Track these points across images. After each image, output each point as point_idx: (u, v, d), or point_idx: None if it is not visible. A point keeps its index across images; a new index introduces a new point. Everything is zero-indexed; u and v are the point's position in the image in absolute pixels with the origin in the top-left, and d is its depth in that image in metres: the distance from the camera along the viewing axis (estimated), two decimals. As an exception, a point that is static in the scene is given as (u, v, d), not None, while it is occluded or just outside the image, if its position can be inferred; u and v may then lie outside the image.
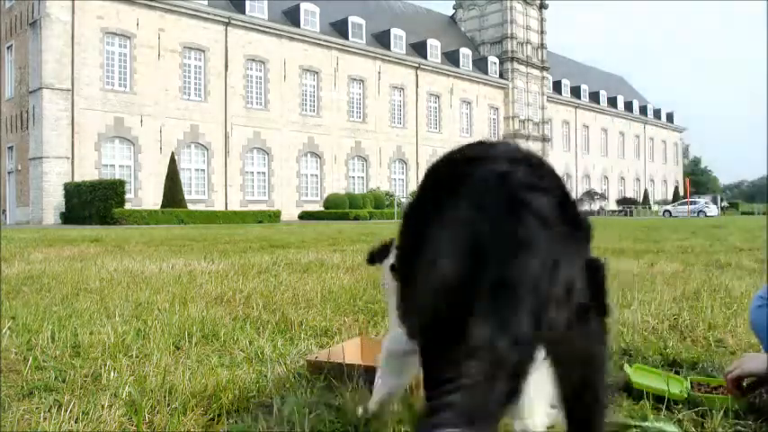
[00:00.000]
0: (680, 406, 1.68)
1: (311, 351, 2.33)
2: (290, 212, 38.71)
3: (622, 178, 74.06)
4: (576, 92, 67.64)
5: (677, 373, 1.98)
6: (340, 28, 44.86)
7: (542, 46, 61.09)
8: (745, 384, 1.74)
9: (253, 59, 39.25)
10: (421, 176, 1.03)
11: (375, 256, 1.57)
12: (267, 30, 39.68)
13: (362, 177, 45.47)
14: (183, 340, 2.46)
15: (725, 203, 71.10)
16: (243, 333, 2.61)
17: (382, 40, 48.05)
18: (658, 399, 1.70)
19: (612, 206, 65.46)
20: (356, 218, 34.58)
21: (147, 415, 1.60)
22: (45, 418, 1.54)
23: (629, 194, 72.63)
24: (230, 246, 9.36)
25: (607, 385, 1.02)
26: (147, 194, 33.87)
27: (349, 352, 2.11)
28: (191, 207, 31.77)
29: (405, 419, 1.56)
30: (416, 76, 49.54)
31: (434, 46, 51.88)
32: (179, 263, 6.08)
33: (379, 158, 46.71)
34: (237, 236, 12.92)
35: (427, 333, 0.93)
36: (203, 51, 36.97)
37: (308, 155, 42.50)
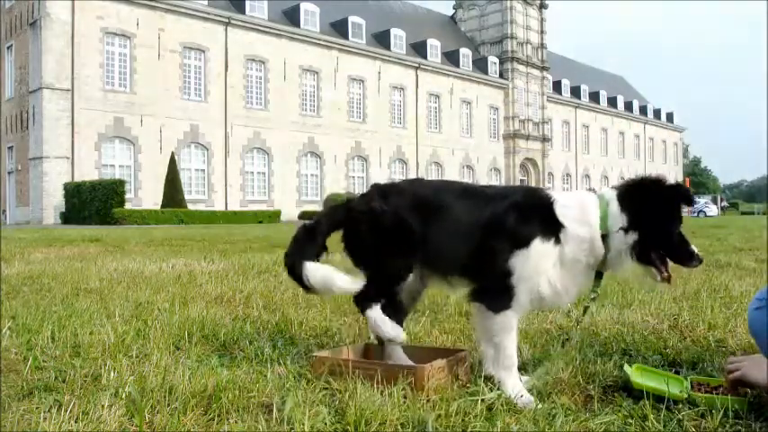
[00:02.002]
0: (680, 406, 1.68)
1: (311, 351, 2.33)
2: (290, 212, 38.70)
3: (622, 178, 73.07)
4: (575, 92, 67.63)
5: (677, 373, 1.98)
6: (340, 28, 44.85)
7: (542, 46, 61.08)
8: (742, 391, 1.74)
9: (253, 59, 39.25)
10: (421, 176, 1.12)
11: None
12: (267, 30, 39.68)
13: (362, 177, 45.46)
14: (183, 340, 2.46)
15: (725, 203, 71.07)
16: (243, 333, 2.61)
17: (382, 40, 48.04)
18: (658, 399, 1.70)
19: (612, 206, 65.39)
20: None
21: (147, 415, 1.60)
22: (45, 418, 1.54)
23: (629, 194, 72.53)
24: (230, 246, 9.36)
25: None
26: (147, 194, 33.86)
27: (354, 356, 2.11)
28: (191, 207, 31.77)
29: (408, 419, 1.56)
30: (416, 76, 49.55)
31: (434, 46, 51.87)
32: (179, 263, 6.08)
33: (379, 158, 46.71)
34: (237, 236, 12.92)
35: None
36: (203, 51, 36.97)
37: (308, 155, 42.51)
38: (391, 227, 1.90)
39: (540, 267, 1.78)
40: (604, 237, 1.80)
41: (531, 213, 1.83)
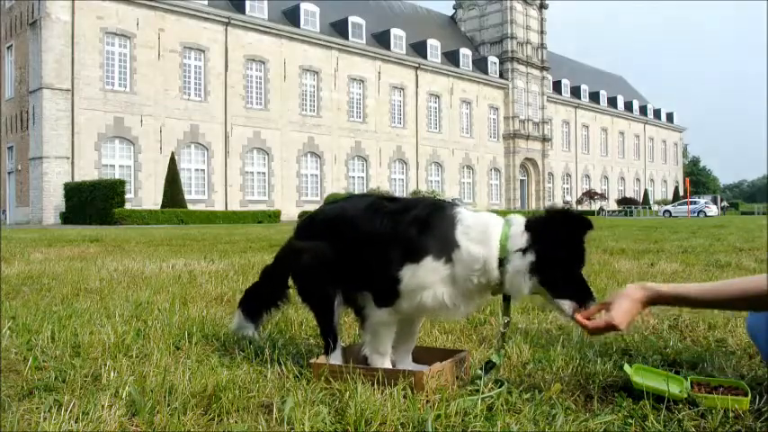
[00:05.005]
0: (680, 406, 1.68)
1: (311, 351, 2.33)
2: (289, 212, 38.72)
3: (622, 178, 74.09)
4: (575, 92, 67.64)
5: (677, 373, 1.98)
6: (340, 28, 44.86)
7: (542, 46, 61.09)
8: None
9: (253, 59, 39.26)
10: (421, 176, 1.13)
11: None
12: (267, 30, 39.69)
13: (362, 177, 45.48)
14: (183, 340, 2.45)
15: (725, 203, 71.08)
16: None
17: (382, 40, 48.05)
18: (658, 399, 1.70)
19: (612, 206, 65.49)
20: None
21: (146, 415, 1.60)
22: (45, 418, 1.54)
23: (629, 194, 72.66)
24: (230, 246, 9.36)
25: None
26: (147, 194, 33.87)
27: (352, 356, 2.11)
28: (191, 207, 31.78)
29: (408, 419, 1.56)
30: (416, 76, 49.56)
31: (434, 46, 51.88)
32: (179, 263, 6.08)
33: (379, 158, 46.72)
34: (237, 236, 12.92)
35: None
36: (203, 51, 36.98)
37: (308, 155, 42.51)
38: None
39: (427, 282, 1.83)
40: (502, 260, 1.78)
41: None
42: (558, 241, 1.76)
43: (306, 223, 2.17)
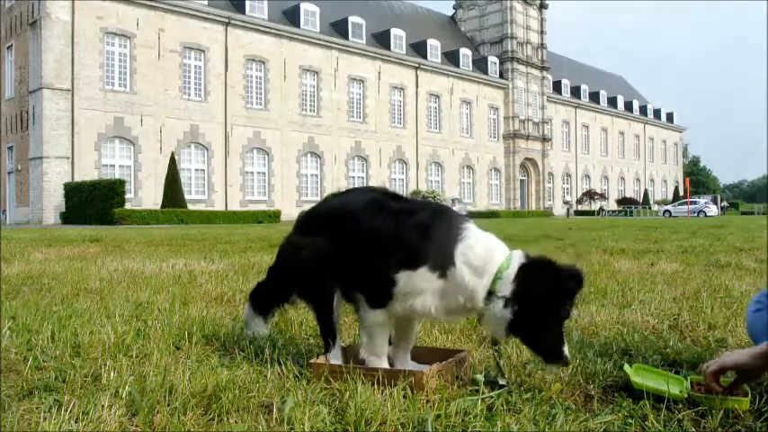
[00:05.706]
0: (680, 406, 1.68)
1: (311, 351, 2.33)
2: (290, 212, 38.69)
3: (622, 178, 74.08)
4: (575, 92, 67.62)
5: (677, 373, 1.98)
6: (340, 28, 44.86)
7: (542, 46, 61.08)
8: (722, 380, 1.74)
9: (253, 59, 39.26)
10: (421, 176, 1.13)
11: None
12: (267, 30, 39.69)
13: (362, 177, 45.47)
14: (183, 340, 2.45)
15: (725, 203, 71.08)
16: (243, 333, 2.61)
17: (382, 40, 48.05)
18: (658, 399, 1.70)
19: (612, 206, 65.48)
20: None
21: (147, 415, 1.60)
22: (45, 418, 1.54)
23: (630, 194, 72.65)
24: (230, 246, 9.36)
25: None
26: (147, 194, 33.86)
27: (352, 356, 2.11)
28: (191, 207, 31.77)
29: (408, 419, 1.56)
30: (416, 76, 49.55)
31: (434, 46, 51.87)
32: (179, 263, 6.08)
33: (379, 158, 46.71)
34: (237, 236, 12.91)
35: None
36: (203, 51, 36.97)
37: (308, 155, 42.51)
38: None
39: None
40: (490, 294, 1.77)
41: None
42: (537, 300, 1.74)
43: (306, 218, 2.14)
